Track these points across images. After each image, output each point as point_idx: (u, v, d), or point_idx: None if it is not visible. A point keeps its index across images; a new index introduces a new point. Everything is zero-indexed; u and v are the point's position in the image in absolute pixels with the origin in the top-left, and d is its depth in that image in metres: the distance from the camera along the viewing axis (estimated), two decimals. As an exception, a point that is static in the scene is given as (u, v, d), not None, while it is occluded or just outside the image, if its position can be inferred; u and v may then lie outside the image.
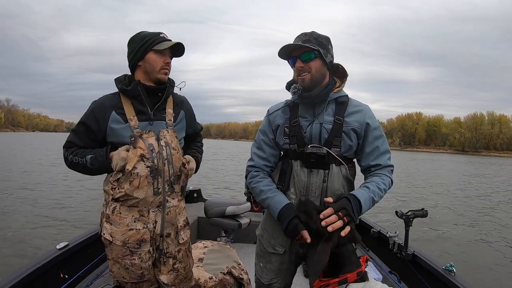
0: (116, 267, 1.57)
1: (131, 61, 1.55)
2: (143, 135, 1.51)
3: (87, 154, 1.52)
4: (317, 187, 1.42)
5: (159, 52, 1.51)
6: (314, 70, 1.40)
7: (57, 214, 7.30)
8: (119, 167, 1.48)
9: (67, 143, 1.57)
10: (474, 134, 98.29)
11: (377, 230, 3.09)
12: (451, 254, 5.78)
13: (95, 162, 1.50)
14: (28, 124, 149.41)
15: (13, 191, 9.60)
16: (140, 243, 1.54)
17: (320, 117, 1.44)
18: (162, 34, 1.53)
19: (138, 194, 1.49)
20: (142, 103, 1.55)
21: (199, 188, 4.73)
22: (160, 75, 1.54)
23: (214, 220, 3.16)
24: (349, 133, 1.43)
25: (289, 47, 1.41)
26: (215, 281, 2.17)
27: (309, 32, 1.42)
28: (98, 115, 1.52)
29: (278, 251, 1.55)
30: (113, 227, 1.53)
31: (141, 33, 1.54)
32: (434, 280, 2.26)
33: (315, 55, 1.39)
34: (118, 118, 1.52)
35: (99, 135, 1.54)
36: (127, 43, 1.57)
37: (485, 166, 35.47)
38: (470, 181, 18.99)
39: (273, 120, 1.54)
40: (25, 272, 1.88)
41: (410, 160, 39.20)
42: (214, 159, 27.77)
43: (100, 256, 2.55)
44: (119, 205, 1.52)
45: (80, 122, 1.56)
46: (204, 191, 5.03)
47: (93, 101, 1.59)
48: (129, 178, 1.48)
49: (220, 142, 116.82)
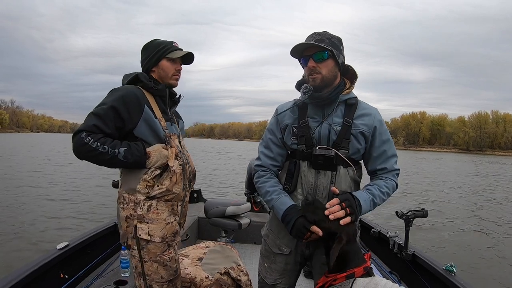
0: (153, 267, 1.55)
1: (146, 66, 1.64)
2: (172, 136, 1.62)
3: (118, 145, 1.43)
4: (324, 188, 1.42)
5: (171, 60, 1.64)
6: (326, 70, 1.39)
7: (57, 214, 7.34)
8: (159, 164, 1.52)
9: (91, 127, 1.39)
10: (479, 133, 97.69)
11: (377, 230, 3.08)
12: (451, 254, 5.76)
13: (130, 156, 1.44)
14: (32, 125, 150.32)
15: (12, 191, 9.66)
16: (175, 235, 1.62)
17: (330, 118, 1.43)
18: (174, 43, 1.66)
19: (176, 189, 1.58)
20: (165, 104, 1.66)
21: (199, 188, 4.73)
22: (172, 80, 1.66)
23: (214, 220, 3.16)
24: (357, 136, 1.43)
25: (302, 46, 1.38)
26: (211, 280, 2.17)
27: (321, 31, 1.41)
28: (130, 104, 1.47)
29: (284, 251, 1.54)
30: (150, 225, 1.53)
31: (155, 40, 1.66)
32: (434, 280, 2.26)
33: (328, 55, 1.37)
34: (150, 114, 1.53)
35: (128, 126, 1.48)
36: (142, 49, 1.67)
37: (488, 165, 35.22)
38: (472, 180, 18.87)
39: (281, 119, 1.52)
40: (25, 272, 1.89)
41: (414, 159, 39.02)
42: (214, 158, 27.83)
43: (100, 256, 2.57)
44: (155, 201, 1.54)
45: (110, 107, 1.43)
46: (204, 191, 5.04)
47: (116, 88, 1.54)
48: (169, 175, 1.54)
49: (223, 142, 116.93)
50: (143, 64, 1.66)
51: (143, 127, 1.51)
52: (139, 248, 1.52)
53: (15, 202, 8.20)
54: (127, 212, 1.53)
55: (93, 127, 1.39)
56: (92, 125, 1.39)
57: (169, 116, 1.66)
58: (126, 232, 1.55)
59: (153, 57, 1.62)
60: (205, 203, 3.30)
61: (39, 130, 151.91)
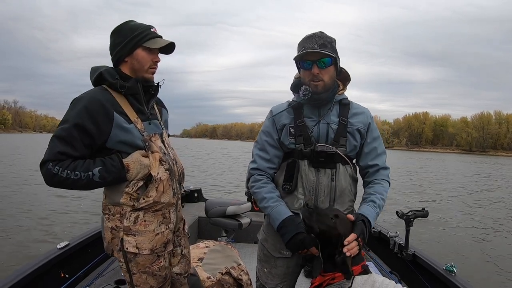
0: (142, 278, 1.42)
1: (116, 55, 1.38)
2: (152, 138, 1.41)
3: (91, 166, 1.27)
4: (326, 186, 1.44)
5: (148, 50, 1.38)
6: (328, 77, 1.42)
7: (58, 213, 7.34)
8: (141, 176, 1.34)
9: (56, 155, 1.23)
10: (481, 134, 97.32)
11: (377, 230, 3.07)
12: (451, 254, 5.74)
13: (107, 174, 1.28)
14: (35, 125, 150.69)
15: (13, 191, 9.68)
16: (166, 245, 1.46)
17: (327, 117, 1.47)
18: (152, 28, 1.41)
19: (164, 198, 1.41)
20: (139, 101, 1.41)
21: (200, 188, 4.74)
22: (148, 74, 1.42)
23: (214, 220, 3.16)
24: (353, 133, 1.47)
25: (311, 53, 1.38)
26: (212, 280, 2.17)
27: (319, 33, 1.43)
28: (96, 116, 1.27)
29: (286, 255, 1.52)
30: (138, 238, 1.37)
31: (129, 22, 1.40)
32: (434, 280, 2.25)
33: (331, 62, 1.41)
34: (122, 120, 1.33)
35: (98, 140, 1.30)
36: (112, 32, 1.40)
37: (490, 166, 35.08)
38: (472, 181, 18.80)
39: (278, 120, 1.53)
40: (25, 272, 1.90)
41: (416, 160, 38.91)
42: (215, 158, 27.83)
43: (100, 256, 2.57)
44: (142, 213, 1.38)
45: (73, 125, 1.25)
46: (205, 191, 5.05)
47: (78, 97, 1.32)
48: (155, 185, 1.37)
49: (225, 143, 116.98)
50: (113, 52, 1.39)
51: (116, 137, 1.32)
52: (126, 261, 1.40)
53: (15, 202, 8.21)
54: (113, 223, 1.38)
55: (59, 154, 1.24)
56: (57, 153, 1.24)
57: (146, 115, 1.43)
58: (111, 243, 1.40)
59: (127, 45, 1.35)
60: (206, 202, 3.30)
61: (42, 130, 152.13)
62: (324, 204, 1.45)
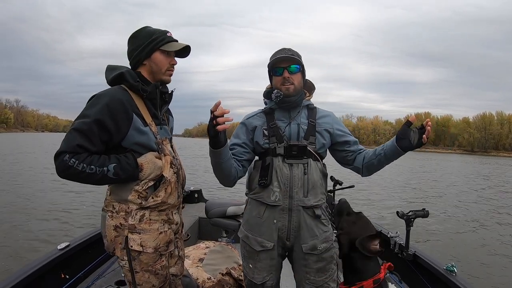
0: (145, 277, 1.45)
1: (135, 58, 1.45)
2: (163, 142, 1.49)
3: (106, 162, 1.31)
4: (299, 179, 1.57)
5: (165, 53, 1.46)
6: (297, 81, 1.61)
7: (58, 214, 7.34)
8: (153, 176, 1.40)
9: (74, 147, 1.26)
10: (483, 134, 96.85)
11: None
12: (452, 254, 5.72)
13: (121, 172, 1.32)
14: (37, 124, 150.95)
15: (12, 191, 9.68)
16: (168, 244, 1.51)
17: (297, 119, 1.65)
18: (168, 32, 1.48)
19: (171, 200, 1.49)
20: (155, 106, 1.48)
21: (200, 188, 4.75)
22: (166, 76, 1.49)
23: (215, 220, 3.17)
24: (322, 133, 1.65)
25: (280, 58, 1.58)
26: (213, 281, 2.17)
27: (287, 48, 1.62)
28: (117, 114, 1.32)
29: (267, 246, 1.60)
30: (143, 236, 1.41)
31: (146, 28, 1.47)
32: (435, 280, 2.25)
33: (299, 69, 1.61)
34: (139, 122, 1.38)
35: (115, 138, 1.35)
36: (130, 38, 1.47)
37: (491, 166, 35.01)
38: (473, 181, 18.76)
39: (249, 123, 1.69)
40: (26, 273, 1.91)
41: (418, 160, 38.85)
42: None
43: (101, 257, 2.58)
44: (148, 212, 1.42)
45: (94, 120, 1.28)
46: (205, 191, 5.05)
47: (99, 94, 1.37)
48: (164, 186, 1.44)
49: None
50: (131, 56, 1.46)
51: (132, 138, 1.37)
52: (129, 259, 1.42)
53: (15, 202, 8.21)
54: (117, 221, 1.41)
55: (77, 147, 1.26)
56: (75, 145, 1.26)
57: (159, 119, 1.50)
58: (114, 242, 1.43)
59: (145, 48, 1.42)
60: (206, 203, 3.31)
61: (44, 130, 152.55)
62: (298, 195, 1.56)
